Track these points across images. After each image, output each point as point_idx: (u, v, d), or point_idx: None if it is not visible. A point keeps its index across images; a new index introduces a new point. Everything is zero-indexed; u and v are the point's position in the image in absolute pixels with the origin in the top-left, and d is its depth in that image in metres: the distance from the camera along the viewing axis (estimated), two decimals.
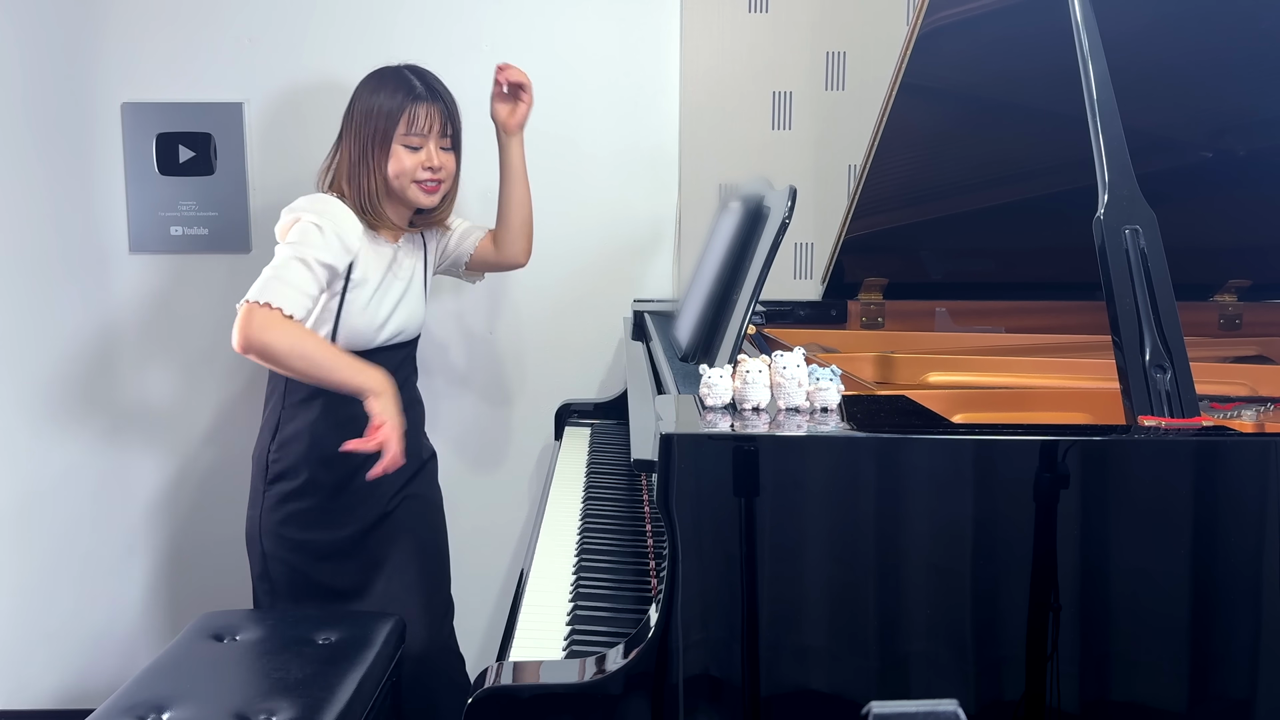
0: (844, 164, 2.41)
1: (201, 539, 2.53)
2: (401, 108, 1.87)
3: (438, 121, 1.89)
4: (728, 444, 1.04)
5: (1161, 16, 1.67)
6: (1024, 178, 1.93)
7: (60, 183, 2.41)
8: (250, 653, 1.71)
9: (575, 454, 2.03)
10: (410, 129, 1.88)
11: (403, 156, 1.88)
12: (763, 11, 2.37)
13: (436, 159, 1.90)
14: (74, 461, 2.49)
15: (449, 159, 1.93)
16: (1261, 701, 1.05)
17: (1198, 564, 1.04)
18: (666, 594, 1.03)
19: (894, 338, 2.06)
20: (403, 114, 1.87)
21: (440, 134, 1.91)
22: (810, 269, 2.45)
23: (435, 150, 1.90)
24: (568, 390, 2.42)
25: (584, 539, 1.54)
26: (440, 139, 1.91)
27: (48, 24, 2.36)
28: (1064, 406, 1.47)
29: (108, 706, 1.55)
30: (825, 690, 1.04)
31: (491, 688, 1.04)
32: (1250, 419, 1.50)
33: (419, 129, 1.88)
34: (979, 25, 1.69)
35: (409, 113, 1.87)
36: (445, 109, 1.91)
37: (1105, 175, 1.23)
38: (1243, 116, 1.84)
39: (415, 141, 1.88)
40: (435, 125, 1.89)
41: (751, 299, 1.39)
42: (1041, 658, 1.04)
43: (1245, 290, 2.13)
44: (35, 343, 2.45)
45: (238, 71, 2.39)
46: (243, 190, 2.41)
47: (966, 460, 1.04)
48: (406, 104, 1.87)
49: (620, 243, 2.46)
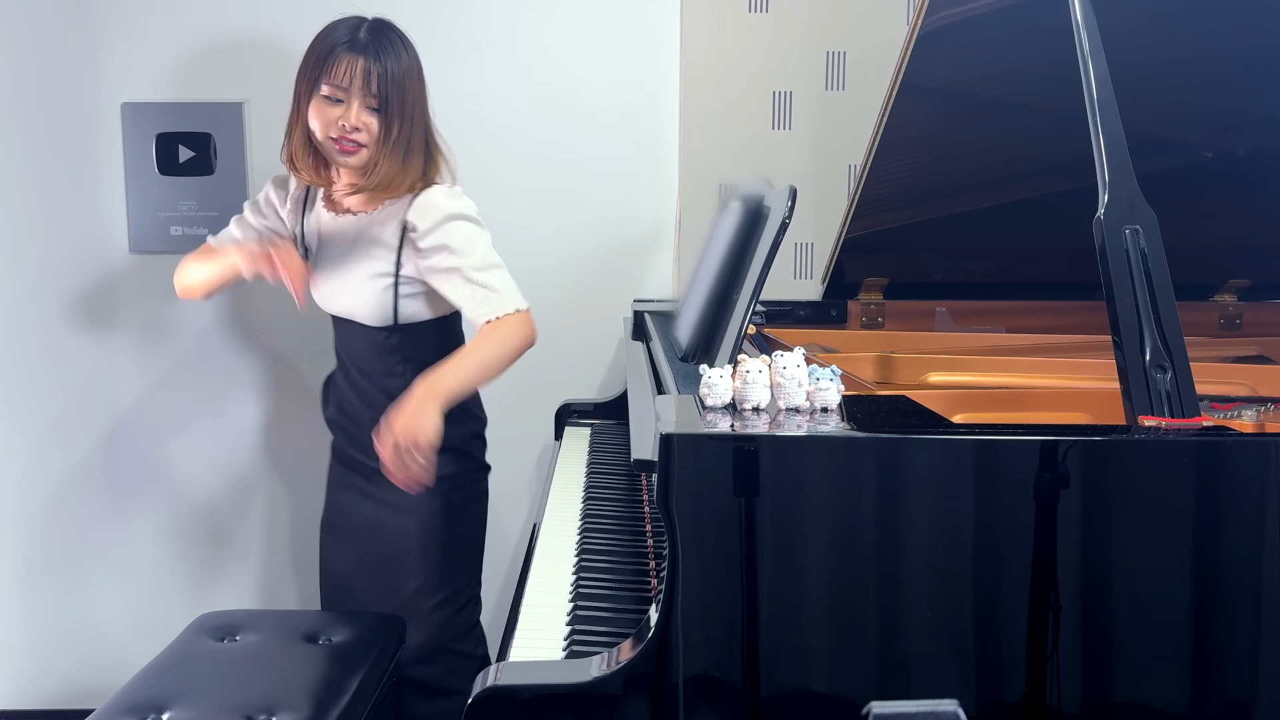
0: (844, 164, 2.41)
1: (202, 539, 2.53)
2: (328, 54, 1.76)
3: (359, 77, 1.75)
4: (728, 444, 1.04)
5: (1161, 16, 1.67)
6: (1024, 178, 1.93)
7: (60, 183, 2.41)
8: (250, 653, 1.71)
9: (575, 454, 2.03)
10: (330, 78, 1.76)
11: (322, 108, 1.77)
12: (763, 11, 2.37)
13: (354, 117, 1.76)
14: (74, 461, 2.49)
15: (372, 120, 1.78)
16: (1261, 701, 1.05)
17: (1198, 564, 1.04)
18: (666, 594, 1.03)
19: (894, 338, 2.06)
20: (326, 62, 1.76)
21: (364, 91, 1.76)
22: (810, 269, 2.45)
23: (357, 108, 1.76)
24: (568, 390, 2.42)
25: (584, 539, 1.54)
26: (366, 97, 1.77)
27: (48, 24, 2.36)
28: (1064, 406, 1.47)
29: (108, 706, 1.55)
30: (825, 690, 1.04)
31: (491, 687, 1.04)
32: (1250, 419, 1.49)
33: (338, 80, 1.75)
34: (979, 25, 1.69)
35: (332, 61, 1.75)
36: (376, 65, 1.75)
37: (1105, 175, 1.23)
38: (1243, 116, 1.84)
39: (336, 94, 1.76)
40: (357, 81, 1.75)
41: (751, 299, 1.39)
42: (1042, 658, 1.04)
43: (1245, 290, 2.13)
44: (35, 343, 2.45)
45: (238, 71, 2.39)
46: (243, 190, 2.41)
47: (966, 460, 1.04)
48: (334, 52, 1.76)
49: (620, 243, 2.46)
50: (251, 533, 2.53)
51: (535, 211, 2.43)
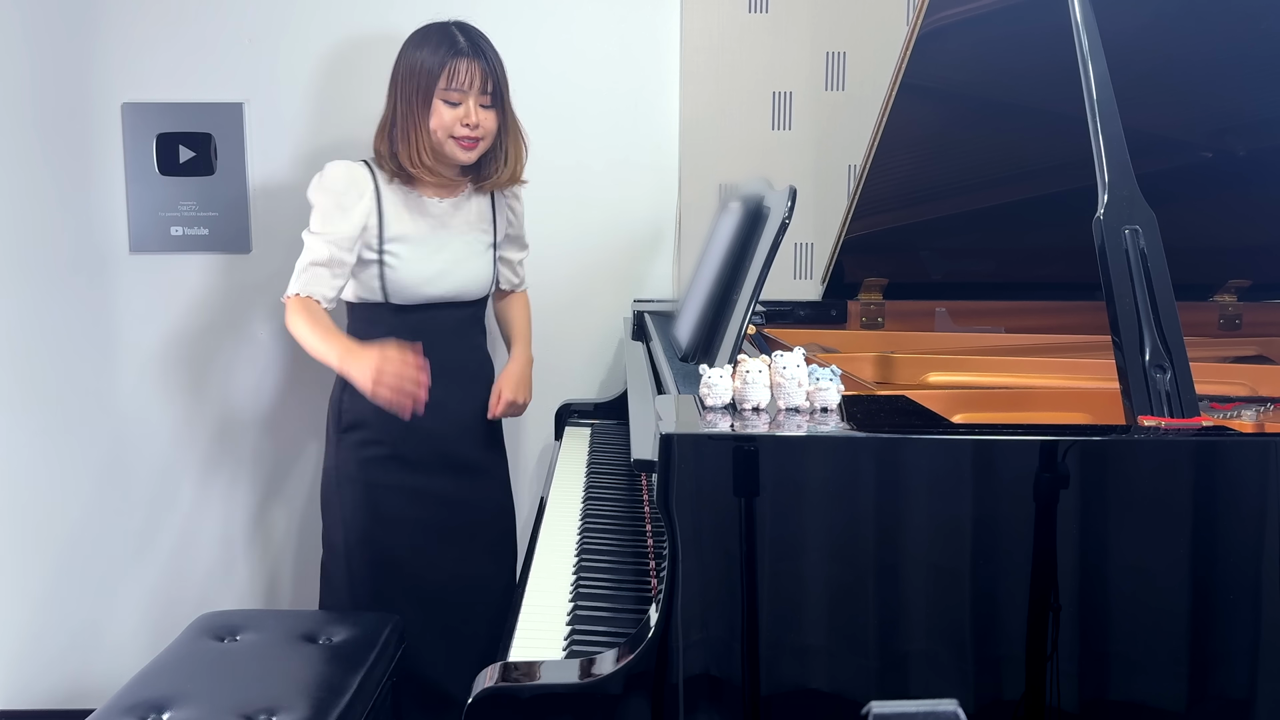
0: (844, 164, 2.41)
1: (202, 538, 2.53)
2: (443, 63, 1.90)
3: (478, 78, 1.91)
4: (728, 444, 1.04)
5: (1161, 16, 1.67)
6: (1024, 178, 1.93)
7: (60, 183, 2.41)
8: (250, 653, 1.71)
9: (575, 454, 2.03)
10: (450, 84, 1.90)
11: (442, 111, 1.91)
12: (763, 11, 2.37)
13: (474, 115, 1.92)
14: (74, 461, 2.49)
15: (488, 116, 1.95)
16: (1261, 701, 1.05)
17: (1197, 564, 1.04)
18: (666, 594, 1.03)
19: (894, 338, 2.06)
20: (444, 69, 1.90)
21: (480, 91, 1.92)
22: (810, 269, 2.45)
23: (474, 107, 1.92)
24: (568, 390, 2.42)
25: (584, 539, 1.54)
26: (480, 96, 1.93)
27: (48, 24, 2.36)
28: (1064, 406, 1.47)
29: (108, 706, 1.55)
30: (825, 690, 1.04)
31: (491, 688, 1.04)
32: (1250, 419, 1.49)
33: (459, 84, 1.90)
34: (979, 25, 1.69)
35: (450, 68, 1.90)
36: (487, 66, 1.93)
37: (1105, 175, 1.23)
38: (1243, 116, 1.84)
39: (455, 97, 1.91)
40: (476, 81, 1.91)
41: (751, 299, 1.39)
42: (1041, 657, 1.04)
43: (1245, 290, 2.13)
44: (35, 343, 2.45)
45: (238, 71, 2.39)
46: (243, 190, 2.41)
47: (966, 460, 1.04)
48: (448, 59, 1.90)
49: (620, 243, 2.46)
50: (251, 533, 2.53)
51: (535, 211, 2.43)
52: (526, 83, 2.40)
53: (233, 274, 2.43)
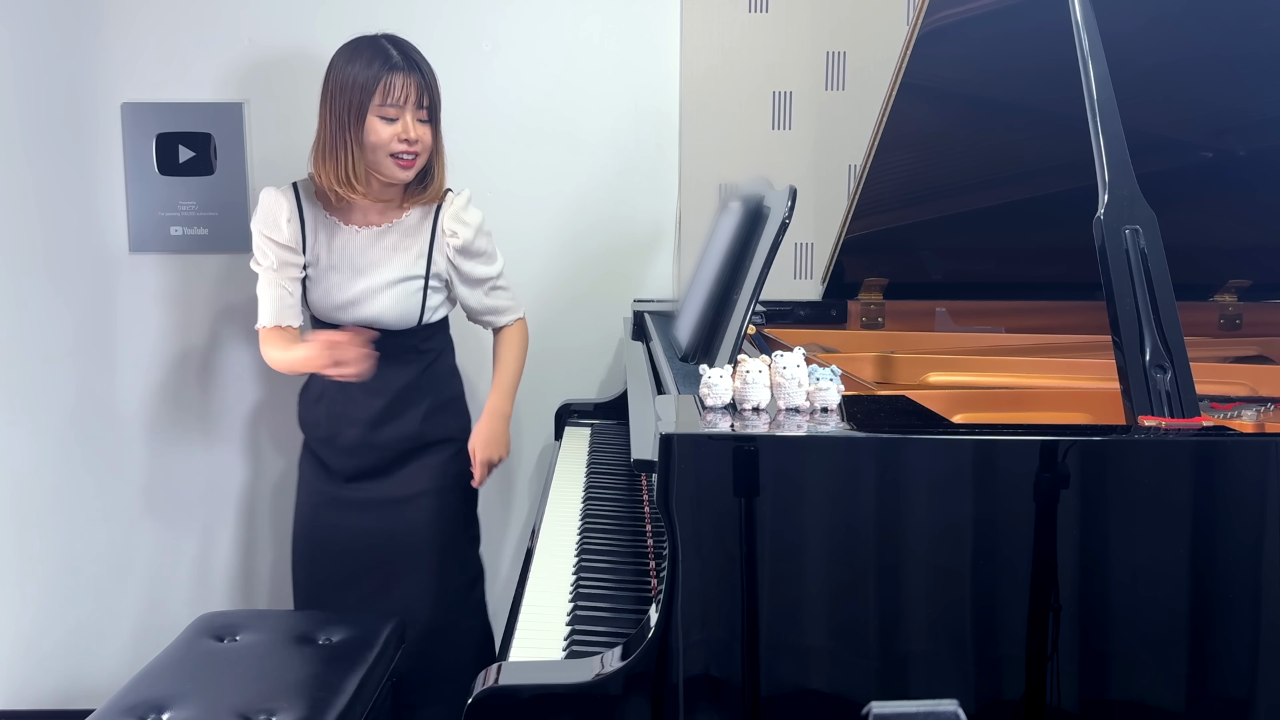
0: (844, 164, 2.41)
1: (201, 539, 2.53)
2: (378, 78, 1.83)
3: (414, 92, 1.85)
4: (728, 444, 1.04)
5: (1161, 16, 1.67)
6: (1024, 178, 1.93)
7: (60, 183, 2.41)
8: (250, 653, 1.71)
9: (575, 454, 2.03)
10: (386, 99, 1.83)
11: (379, 128, 1.85)
12: (763, 11, 2.37)
13: (413, 130, 1.86)
14: (74, 461, 2.49)
15: (425, 131, 1.89)
16: (1261, 701, 1.05)
17: (1197, 564, 1.04)
18: (666, 594, 1.03)
19: (894, 338, 2.06)
20: (379, 84, 1.83)
21: (416, 105, 1.86)
22: (810, 269, 2.45)
23: (411, 122, 1.86)
24: (568, 390, 2.42)
25: (584, 539, 1.54)
26: (417, 110, 1.87)
27: (48, 24, 2.36)
28: (1064, 406, 1.47)
29: (108, 706, 1.55)
30: (825, 690, 1.04)
31: (491, 688, 1.04)
32: (1250, 419, 1.49)
33: (395, 99, 1.84)
34: (979, 25, 1.69)
35: (385, 82, 1.83)
36: (422, 80, 1.86)
37: (1105, 175, 1.23)
38: (1243, 116, 1.84)
39: (391, 113, 1.84)
40: (412, 96, 1.85)
41: (751, 299, 1.39)
42: (1041, 657, 1.04)
43: (1245, 290, 2.13)
44: (35, 342, 2.45)
45: (238, 71, 2.39)
46: (243, 190, 2.41)
47: (966, 460, 1.04)
48: (382, 74, 1.83)
49: (620, 243, 2.46)
50: (251, 533, 2.53)
51: (535, 211, 2.43)
52: (526, 83, 2.40)
53: (233, 274, 2.43)
